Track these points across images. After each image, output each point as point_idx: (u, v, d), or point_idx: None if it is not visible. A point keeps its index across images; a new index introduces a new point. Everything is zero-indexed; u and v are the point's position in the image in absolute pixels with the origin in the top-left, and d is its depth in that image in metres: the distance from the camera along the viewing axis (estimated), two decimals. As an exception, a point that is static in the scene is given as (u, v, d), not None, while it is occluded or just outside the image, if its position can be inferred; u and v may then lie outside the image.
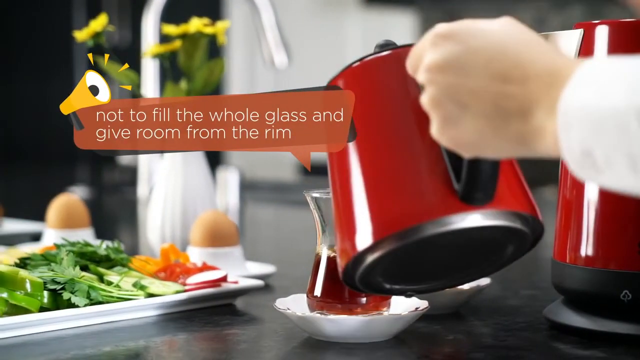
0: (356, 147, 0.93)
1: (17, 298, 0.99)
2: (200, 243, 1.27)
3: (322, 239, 0.99)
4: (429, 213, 0.82)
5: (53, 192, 2.72)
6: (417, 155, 0.85)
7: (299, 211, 2.55)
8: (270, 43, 2.25)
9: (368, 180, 0.87)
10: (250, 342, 0.97)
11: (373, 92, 0.94)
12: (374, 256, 0.85)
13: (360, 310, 0.97)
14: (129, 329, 1.02)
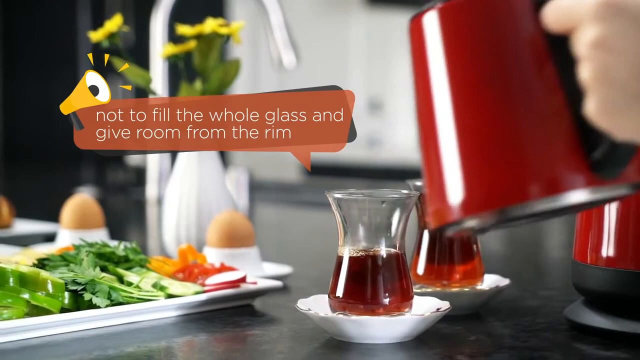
0: (463, 93, 0.78)
1: (38, 299, 0.99)
2: (217, 244, 1.27)
3: (344, 240, 0.99)
4: (555, 185, 0.73)
5: (60, 192, 2.72)
6: (541, 113, 0.74)
7: (305, 211, 2.55)
8: (279, 43, 2.25)
9: (479, 136, 0.76)
10: (272, 343, 0.97)
11: (485, 28, 0.77)
12: (476, 222, 0.76)
13: (382, 310, 0.97)
14: (150, 329, 1.02)
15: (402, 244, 0.99)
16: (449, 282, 1.10)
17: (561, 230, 1.97)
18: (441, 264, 1.10)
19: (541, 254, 1.62)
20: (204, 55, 1.40)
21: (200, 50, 1.40)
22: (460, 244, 1.11)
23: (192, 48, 1.41)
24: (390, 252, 0.98)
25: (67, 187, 3.00)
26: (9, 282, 0.99)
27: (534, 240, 1.82)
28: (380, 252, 0.97)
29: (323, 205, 2.86)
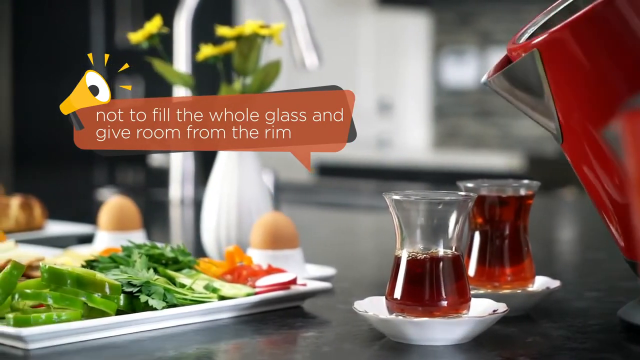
0: None
1: (95, 301, 0.99)
2: (261, 245, 1.27)
3: (401, 241, 0.99)
4: None
5: (80, 193, 2.71)
6: None
7: (324, 212, 2.55)
8: (301, 44, 2.25)
9: None
10: (332, 345, 0.97)
11: None
12: None
13: (440, 312, 0.97)
14: (205, 331, 1.02)
15: (459, 246, 0.99)
16: (500, 284, 1.10)
17: (577, 231, 1.97)
18: (493, 265, 1.10)
19: (575, 255, 1.62)
20: (243, 56, 1.40)
21: (240, 51, 1.40)
22: (511, 246, 1.11)
23: (231, 49, 1.41)
24: (448, 254, 0.98)
25: (84, 188, 3.00)
26: (66, 283, 0.99)
27: (558, 240, 1.82)
28: (438, 253, 0.97)
29: (340, 205, 2.86)
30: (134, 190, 2.72)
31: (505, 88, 1.00)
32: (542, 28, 1.04)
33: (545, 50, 0.96)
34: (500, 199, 1.10)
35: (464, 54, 4.84)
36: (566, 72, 0.96)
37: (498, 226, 1.11)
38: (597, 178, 0.98)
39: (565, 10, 1.04)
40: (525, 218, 1.12)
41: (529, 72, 0.97)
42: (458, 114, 4.91)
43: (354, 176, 4.42)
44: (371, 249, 1.77)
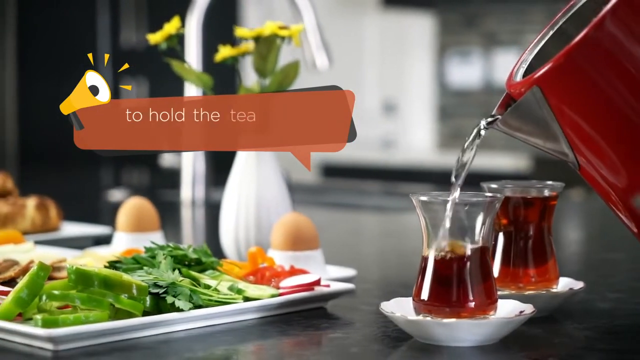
0: None
1: (123, 302, 0.99)
2: (282, 246, 1.27)
3: (428, 242, 0.99)
4: None
5: (88, 194, 2.71)
6: None
7: (336, 213, 2.55)
8: (312, 45, 2.25)
9: None
10: (359, 346, 0.97)
11: None
12: None
13: (467, 313, 0.97)
14: (231, 332, 1.02)
15: (486, 246, 0.99)
16: (524, 285, 1.10)
17: (589, 231, 1.97)
18: (517, 266, 1.10)
19: (592, 255, 1.62)
20: (262, 57, 1.40)
21: (259, 52, 1.40)
22: (535, 247, 1.11)
23: (249, 50, 1.41)
24: (476, 255, 0.98)
25: (91, 188, 3.00)
26: (93, 285, 0.99)
27: (572, 241, 1.82)
28: (466, 254, 0.97)
29: (346, 206, 2.86)
30: (144, 191, 2.72)
31: (514, 127, 1.01)
32: (537, 58, 1.04)
33: (545, 84, 0.96)
34: (524, 199, 1.10)
35: (469, 55, 4.84)
36: (570, 101, 0.96)
37: (522, 227, 1.11)
38: (617, 202, 0.98)
39: (555, 37, 1.05)
40: (550, 219, 1.12)
41: (533, 109, 0.97)
42: (463, 114, 4.91)
43: (359, 177, 4.42)
44: (386, 249, 1.77)
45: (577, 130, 0.96)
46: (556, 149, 0.99)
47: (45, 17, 5.05)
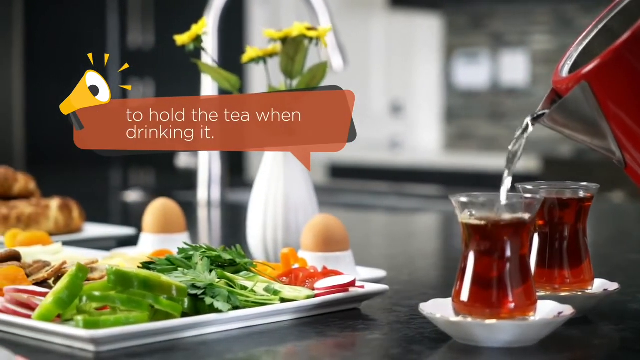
0: None
1: (162, 303, 0.99)
2: (313, 248, 1.27)
3: (468, 243, 0.99)
4: None
5: (102, 195, 2.71)
6: None
7: (348, 214, 2.55)
8: (328, 46, 2.25)
9: None
10: (400, 348, 0.97)
11: None
12: None
13: (507, 315, 0.97)
14: (269, 333, 1.02)
15: (526, 248, 0.99)
16: (559, 286, 1.10)
17: (608, 232, 1.97)
18: (552, 267, 1.10)
19: (618, 256, 1.62)
20: (289, 58, 1.40)
21: (287, 53, 1.40)
22: (571, 248, 1.11)
23: (276, 51, 1.41)
24: (516, 256, 0.98)
25: (101, 189, 3.00)
26: (133, 286, 0.99)
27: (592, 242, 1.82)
28: (506, 255, 0.97)
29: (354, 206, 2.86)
30: (159, 192, 2.72)
31: (560, 124, 1.00)
32: (583, 55, 1.04)
33: (593, 80, 0.96)
34: (560, 201, 1.10)
35: (476, 56, 4.84)
36: (617, 97, 0.96)
37: (557, 228, 1.11)
38: None
39: (600, 34, 1.04)
40: (584, 220, 1.12)
41: (581, 105, 0.97)
42: (470, 115, 4.91)
43: (366, 177, 4.42)
44: (408, 250, 1.77)
45: (624, 127, 0.96)
46: (603, 146, 0.98)
47: (52, 18, 5.04)
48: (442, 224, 2.24)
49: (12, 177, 1.72)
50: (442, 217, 2.41)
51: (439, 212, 2.68)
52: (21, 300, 1.02)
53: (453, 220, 2.32)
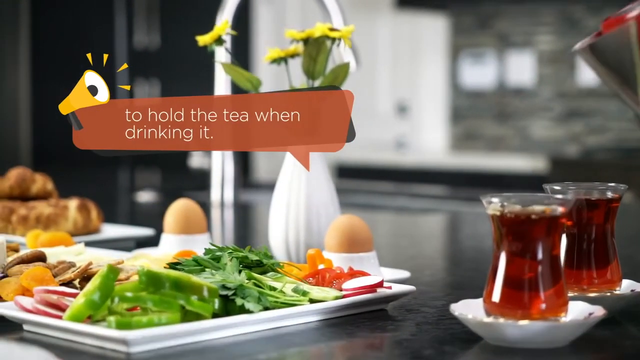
0: None
1: (193, 304, 0.98)
2: (337, 248, 1.26)
3: (500, 244, 0.99)
4: None
5: (111, 195, 2.71)
6: None
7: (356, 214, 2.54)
8: (341, 47, 2.25)
9: None
10: (432, 349, 0.97)
11: None
12: None
13: (539, 315, 0.97)
14: (299, 334, 1.02)
15: (558, 249, 0.99)
16: (587, 287, 1.10)
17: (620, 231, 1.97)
18: (580, 268, 1.10)
19: (637, 257, 1.62)
20: (312, 58, 1.40)
21: (309, 53, 1.40)
22: (599, 249, 1.11)
23: (298, 51, 1.41)
24: (548, 256, 0.98)
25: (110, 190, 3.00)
26: (164, 287, 0.99)
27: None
28: (538, 256, 0.97)
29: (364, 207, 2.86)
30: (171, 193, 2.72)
31: (596, 57, 0.98)
32: None
33: None
34: (588, 201, 1.10)
35: (483, 56, 4.84)
36: None
37: (586, 229, 1.10)
38: None
39: None
40: (612, 221, 1.12)
41: (621, 45, 0.95)
42: (476, 115, 4.90)
43: (373, 178, 4.41)
44: (426, 251, 1.77)
45: None
46: (630, 96, 0.97)
47: (58, 18, 5.04)
48: (453, 224, 2.24)
49: (30, 177, 1.72)
50: (451, 217, 2.41)
51: (447, 212, 2.68)
52: (51, 301, 1.02)
53: (463, 220, 2.32)
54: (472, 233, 2.07)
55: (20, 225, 1.60)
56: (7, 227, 1.60)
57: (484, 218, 2.26)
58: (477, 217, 2.32)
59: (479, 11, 4.85)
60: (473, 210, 2.74)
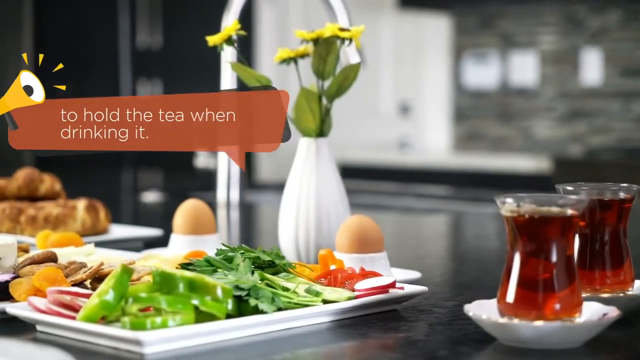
0: None
1: (207, 305, 0.98)
2: (348, 249, 1.26)
3: (514, 245, 0.98)
4: None
5: (119, 196, 2.71)
6: None
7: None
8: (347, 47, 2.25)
9: None
10: (447, 350, 0.97)
11: None
12: None
13: (553, 316, 0.97)
14: (312, 334, 1.02)
15: (572, 249, 0.98)
16: (600, 287, 1.10)
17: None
18: (592, 268, 1.10)
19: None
20: (321, 59, 1.40)
21: (319, 53, 1.40)
22: (611, 249, 1.10)
23: (308, 52, 1.41)
24: (562, 257, 0.97)
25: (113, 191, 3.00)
26: (178, 287, 0.98)
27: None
28: (552, 257, 0.97)
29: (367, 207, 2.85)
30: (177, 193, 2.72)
31: None
32: None
33: None
34: (601, 202, 1.10)
35: (485, 56, 4.84)
36: None
37: (598, 229, 1.10)
38: None
39: None
40: (625, 221, 1.12)
41: None
42: (479, 116, 4.90)
43: (376, 178, 4.41)
44: (433, 251, 1.77)
45: None
46: None
47: (61, 18, 5.04)
48: (458, 224, 2.24)
49: (37, 178, 1.72)
50: (454, 217, 2.41)
51: (451, 212, 2.68)
52: (64, 302, 1.02)
53: (467, 221, 2.32)
54: (477, 233, 2.07)
55: (29, 225, 1.59)
56: (16, 227, 1.60)
57: (488, 218, 2.26)
58: (482, 217, 2.32)
59: (482, 11, 4.85)
60: (476, 211, 2.74)
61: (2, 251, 1.19)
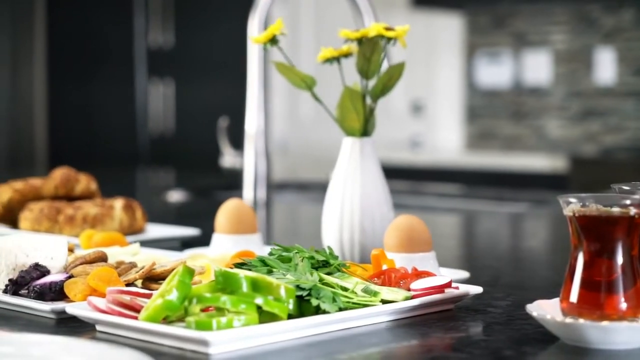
0: None
1: (271, 304, 0.98)
2: (397, 248, 1.26)
3: (578, 245, 0.98)
4: None
5: (143, 196, 2.71)
6: None
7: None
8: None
9: None
10: (512, 350, 0.97)
11: None
12: None
13: (617, 316, 0.97)
14: (373, 334, 1.02)
15: (637, 249, 0.98)
16: None
17: None
18: None
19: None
20: (366, 58, 1.40)
21: (363, 53, 1.39)
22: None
23: (352, 51, 1.41)
24: (627, 257, 0.97)
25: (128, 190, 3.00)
26: (241, 287, 0.98)
27: None
28: (617, 257, 0.97)
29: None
30: (202, 193, 2.72)
31: None
32: None
33: None
34: (658, 201, 1.09)
35: (498, 55, 4.84)
36: None
37: (656, 229, 1.10)
38: None
39: None
40: (682, 221, 1.11)
41: None
42: (492, 115, 4.90)
43: (388, 177, 4.40)
44: (471, 251, 1.77)
45: None
46: None
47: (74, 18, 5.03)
48: (476, 223, 2.24)
49: (74, 177, 1.72)
50: (467, 216, 2.41)
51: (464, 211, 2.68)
52: (124, 302, 1.02)
53: (480, 220, 2.32)
54: (501, 232, 2.07)
55: (67, 225, 1.59)
56: (54, 226, 1.60)
57: (504, 217, 2.26)
58: (499, 216, 2.32)
59: (494, 10, 4.85)
60: (489, 210, 2.74)
61: (54, 251, 1.19)
